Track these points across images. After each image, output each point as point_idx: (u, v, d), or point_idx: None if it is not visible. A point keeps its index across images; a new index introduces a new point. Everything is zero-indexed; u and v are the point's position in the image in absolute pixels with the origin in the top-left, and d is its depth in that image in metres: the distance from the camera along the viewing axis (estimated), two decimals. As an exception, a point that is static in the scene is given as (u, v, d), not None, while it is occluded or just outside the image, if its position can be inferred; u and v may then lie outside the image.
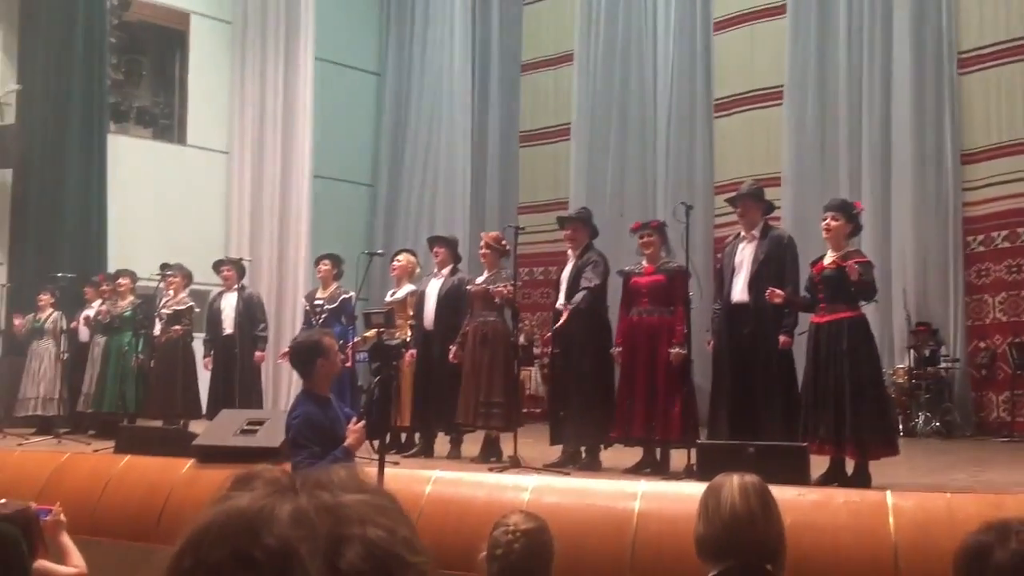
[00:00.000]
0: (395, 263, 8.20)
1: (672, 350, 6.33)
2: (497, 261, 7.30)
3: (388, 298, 8.07)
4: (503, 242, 7.35)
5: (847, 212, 5.87)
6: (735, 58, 12.28)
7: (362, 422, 4.26)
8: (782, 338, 5.98)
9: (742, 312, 6.15)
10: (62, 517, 4.29)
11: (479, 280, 7.36)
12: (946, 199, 10.45)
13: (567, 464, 6.50)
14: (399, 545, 0.77)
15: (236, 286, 9.04)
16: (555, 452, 6.80)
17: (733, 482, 2.42)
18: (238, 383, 8.62)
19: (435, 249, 7.84)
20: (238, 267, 9.25)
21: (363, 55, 15.14)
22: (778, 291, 5.83)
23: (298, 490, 0.79)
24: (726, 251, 6.49)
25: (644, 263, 6.68)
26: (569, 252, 7.07)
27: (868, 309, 6.17)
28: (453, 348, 7.22)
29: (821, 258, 5.89)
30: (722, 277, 6.41)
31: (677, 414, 6.29)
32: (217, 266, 9.43)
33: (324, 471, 0.83)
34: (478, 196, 14.19)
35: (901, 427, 9.25)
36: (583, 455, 6.66)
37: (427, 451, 7.40)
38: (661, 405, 6.32)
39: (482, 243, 7.44)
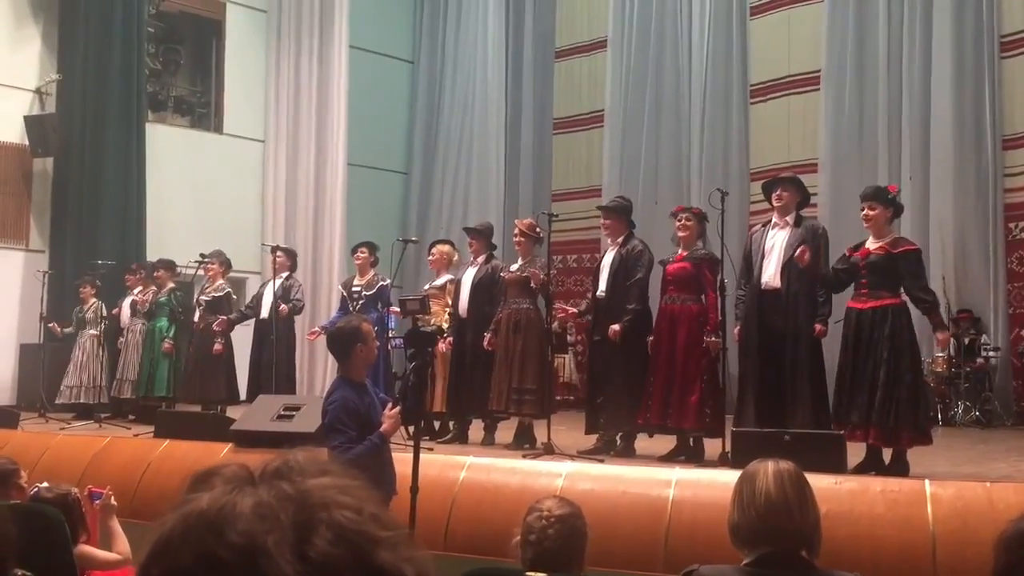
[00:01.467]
0: (431, 256, 8.24)
1: (708, 338, 6.29)
2: (531, 248, 7.31)
3: (427, 286, 8.12)
4: (537, 229, 7.34)
5: (883, 199, 5.80)
6: (772, 43, 12.14)
7: (398, 408, 4.28)
8: (817, 327, 5.90)
9: (773, 298, 6.08)
10: (113, 501, 4.35)
11: (513, 267, 7.38)
12: (987, 185, 10.29)
13: (602, 452, 6.50)
14: (367, 523, 0.75)
15: (283, 274, 9.11)
16: (589, 440, 6.80)
17: (768, 469, 2.41)
18: (274, 368, 8.69)
19: (470, 240, 7.89)
20: (290, 255, 9.30)
21: (397, 43, 15.18)
22: (808, 252, 5.76)
23: (257, 482, 0.77)
24: (753, 236, 6.41)
25: (679, 250, 6.64)
26: (608, 240, 7.06)
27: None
28: (488, 335, 7.24)
29: (860, 244, 5.83)
30: (749, 262, 6.35)
31: (695, 402, 6.24)
32: (273, 250, 9.50)
33: (282, 457, 0.81)
34: (511, 183, 14.19)
35: (940, 416, 9.15)
36: (618, 443, 6.66)
37: (461, 438, 7.43)
38: (678, 393, 6.29)
39: (516, 230, 7.45)
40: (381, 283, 8.43)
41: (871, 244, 5.75)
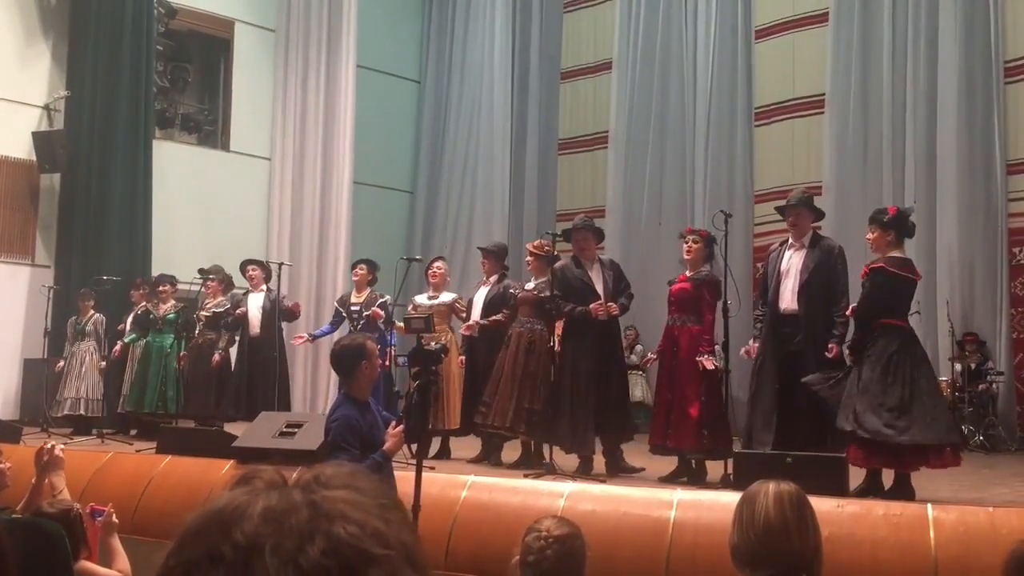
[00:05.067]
0: (436, 270, 8.26)
1: (698, 358, 6.27)
2: (545, 268, 7.30)
3: (427, 301, 8.10)
4: (546, 248, 7.35)
5: (879, 221, 5.78)
6: (776, 66, 12.19)
7: (401, 426, 4.29)
8: (832, 346, 5.89)
9: (791, 321, 6.08)
10: (114, 519, 4.34)
11: (528, 286, 7.42)
12: (993, 210, 10.29)
13: (582, 470, 6.53)
14: (367, 540, 0.76)
15: (262, 287, 9.14)
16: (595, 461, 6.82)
17: (768, 490, 2.40)
18: (263, 385, 8.70)
19: (483, 259, 8.01)
20: (264, 268, 9.35)
21: (403, 63, 15.26)
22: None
23: (280, 487, 0.80)
24: (770, 257, 6.43)
25: (686, 271, 6.66)
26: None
27: (912, 320, 6.11)
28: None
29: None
30: (766, 283, 6.36)
31: (693, 423, 6.21)
32: (243, 266, 9.54)
33: (315, 468, 0.83)
34: (516, 203, 14.22)
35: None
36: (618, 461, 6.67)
37: (489, 456, 7.36)
38: (677, 413, 6.29)
39: (527, 253, 7.54)
40: (380, 300, 8.43)
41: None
